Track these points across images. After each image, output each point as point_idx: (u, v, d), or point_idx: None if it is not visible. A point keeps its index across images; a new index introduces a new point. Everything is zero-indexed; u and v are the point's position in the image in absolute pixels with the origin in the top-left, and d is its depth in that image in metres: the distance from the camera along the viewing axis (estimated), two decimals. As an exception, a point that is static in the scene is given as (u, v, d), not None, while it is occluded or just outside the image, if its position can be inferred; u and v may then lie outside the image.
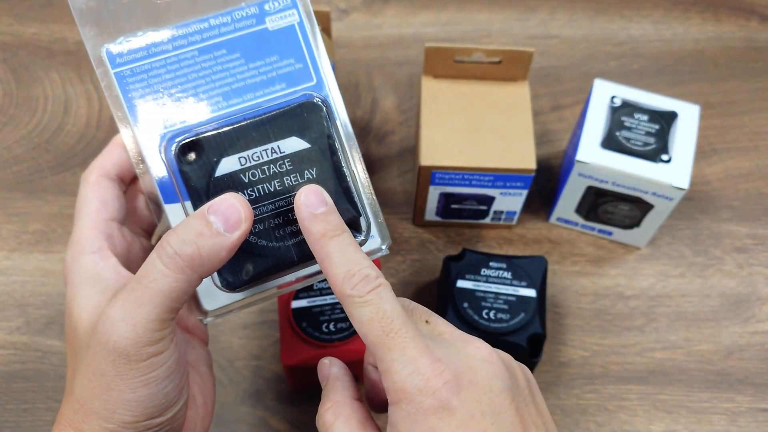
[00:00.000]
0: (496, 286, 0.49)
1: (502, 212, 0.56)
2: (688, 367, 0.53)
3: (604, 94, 0.54)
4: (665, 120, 0.53)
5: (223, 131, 0.33)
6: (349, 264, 0.31)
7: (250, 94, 0.35)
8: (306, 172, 0.34)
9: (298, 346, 0.47)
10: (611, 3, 0.71)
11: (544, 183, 0.60)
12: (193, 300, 0.35)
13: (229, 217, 0.31)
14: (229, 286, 0.34)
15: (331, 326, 0.47)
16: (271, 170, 0.33)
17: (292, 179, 0.33)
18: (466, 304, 0.49)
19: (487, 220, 0.58)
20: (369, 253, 0.36)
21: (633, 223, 0.55)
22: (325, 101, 0.35)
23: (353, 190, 0.34)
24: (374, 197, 0.36)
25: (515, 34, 0.69)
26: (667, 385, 0.52)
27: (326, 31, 0.54)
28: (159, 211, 0.35)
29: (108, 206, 0.35)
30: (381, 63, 0.67)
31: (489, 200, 0.55)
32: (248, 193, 0.33)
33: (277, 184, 0.33)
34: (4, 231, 0.57)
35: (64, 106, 0.64)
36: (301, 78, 0.36)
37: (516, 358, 0.43)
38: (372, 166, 0.61)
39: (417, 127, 0.58)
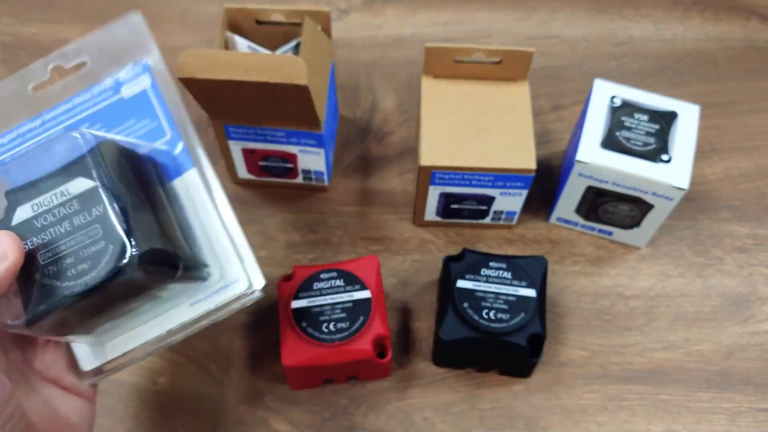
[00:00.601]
0: (496, 286, 0.49)
1: (502, 212, 0.56)
2: (688, 367, 0.53)
3: (604, 94, 0.55)
4: (665, 120, 0.53)
5: (21, 184, 0.36)
6: None
7: None
8: (93, 209, 0.35)
9: (298, 347, 0.47)
10: (611, 3, 0.71)
11: (544, 183, 0.60)
12: (72, 362, 0.38)
13: None
14: (27, 322, 0.34)
15: (331, 326, 0.47)
16: (61, 212, 0.35)
17: (81, 218, 0.35)
18: (466, 304, 0.49)
19: (487, 220, 0.58)
20: (235, 300, 0.40)
21: (633, 223, 0.55)
22: (102, 141, 0.37)
23: (146, 225, 0.36)
24: (232, 235, 0.39)
25: (515, 34, 0.69)
26: (667, 385, 0.52)
27: (326, 31, 0.54)
28: None
29: None
30: (381, 63, 0.67)
31: (489, 200, 0.55)
32: (41, 237, 0.35)
33: (67, 225, 0.35)
34: (4, 231, 0.57)
35: (64, 106, 0.64)
36: (156, 135, 0.40)
37: (516, 358, 0.43)
38: (372, 166, 0.61)
39: (417, 127, 0.58)
